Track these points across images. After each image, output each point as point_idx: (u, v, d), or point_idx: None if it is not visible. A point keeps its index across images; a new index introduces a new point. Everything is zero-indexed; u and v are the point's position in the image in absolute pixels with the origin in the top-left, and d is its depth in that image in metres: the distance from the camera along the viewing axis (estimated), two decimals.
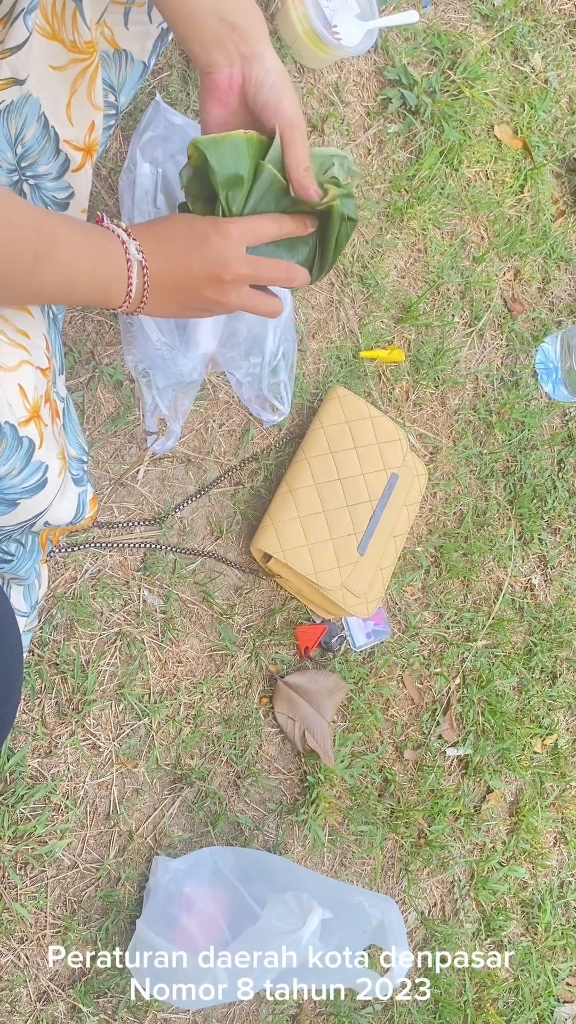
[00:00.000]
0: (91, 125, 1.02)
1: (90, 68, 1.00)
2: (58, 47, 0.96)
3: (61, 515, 0.86)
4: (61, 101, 0.99)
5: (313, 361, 1.31)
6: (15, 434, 0.75)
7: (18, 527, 0.80)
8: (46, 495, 0.79)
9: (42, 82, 0.97)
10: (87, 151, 1.04)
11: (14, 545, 0.86)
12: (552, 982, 1.41)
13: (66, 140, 1.01)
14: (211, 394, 1.21)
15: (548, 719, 1.48)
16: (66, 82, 0.99)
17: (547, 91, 1.63)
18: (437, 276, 1.45)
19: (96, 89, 1.01)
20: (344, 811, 1.24)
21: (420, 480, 1.30)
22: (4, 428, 0.74)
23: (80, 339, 1.12)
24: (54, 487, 0.80)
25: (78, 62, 0.99)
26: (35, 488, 0.78)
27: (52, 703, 1.06)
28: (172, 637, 1.14)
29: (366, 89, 1.42)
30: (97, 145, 1.04)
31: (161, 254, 0.82)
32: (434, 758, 1.35)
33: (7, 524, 0.79)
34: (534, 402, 1.55)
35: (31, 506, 0.78)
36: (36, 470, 0.77)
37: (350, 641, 1.28)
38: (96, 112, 1.02)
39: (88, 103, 1.01)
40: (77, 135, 1.01)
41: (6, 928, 1.00)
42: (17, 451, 0.75)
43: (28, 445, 0.76)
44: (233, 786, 1.17)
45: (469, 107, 1.50)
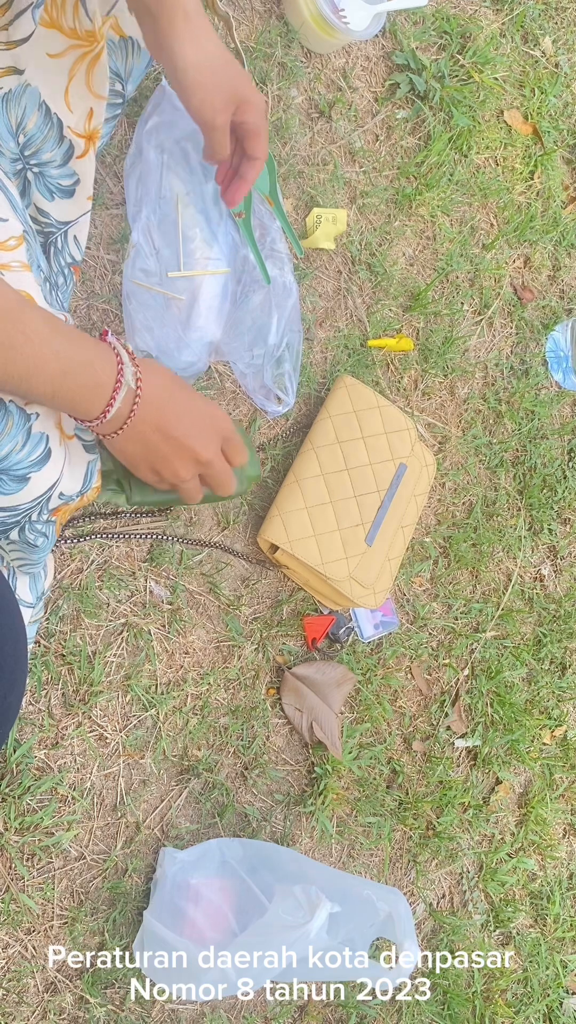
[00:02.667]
0: (89, 112, 1.01)
1: (88, 55, 0.99)
2: (56, 34, 0.96)
3: (73, 485, 0.86)
4: (59, 88, 0.98)
5: (320, 350, 1.30)
6: (22, 412, 0.76)
7: (35, 503, 0.81)
8: (54, 465, 0.80)
9: (39, 70, 0.97)
10: (88, 138, 1.03)
11: (42, 539, 0.87)
12: (561, 973, 1.41)
13: (68, 127, 1.01)
14: (218, 383, 1.20)
15: (557, 710, 1.47)
16: (63, 69, 0.98)
17: (558, 76, 1.60)
18: (446, 264, 1.44)
19: (94, 76, 1.00)
20: (352, 802, 1.24)
21: (429, 470, 1.29)
22: (9, 407, 0.75)
23: (85, 328, 1.11)
24: (59, 456, 0.81)
25: (75, 48, 0.98)
26: (41, 460, 0.79)
27: (59, 694, 1.06)
28: (179, 628, 1.14)
29: (374, 74, 1.40)
30: (99, 133, 1.04)
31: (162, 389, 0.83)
32: (443, 749, 1.34)
33: (23, 502, 0.80)
34: (544, 391, 1.54)
35: (41, 479, 0.79)
36: (38, 442, 0.78)
37: (358, 632, 1.27)
38: (96, 100, 1.01)
39: (86, 90, 1.00)
40: (77, 122, 1.01)
41: (13, 919, 1.00)
42: (23, 427, 0.75)
43: (33, 419, 0.77)
44: (240, 777, 1.17)
45: (478, 92, 1.49)
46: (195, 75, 0.85)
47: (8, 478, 0.77)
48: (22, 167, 0.99)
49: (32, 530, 0.86)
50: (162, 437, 0.85)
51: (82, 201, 1.05)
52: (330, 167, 1.33)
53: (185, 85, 0.86)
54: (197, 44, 0.84)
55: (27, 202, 1.00)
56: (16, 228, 0.84)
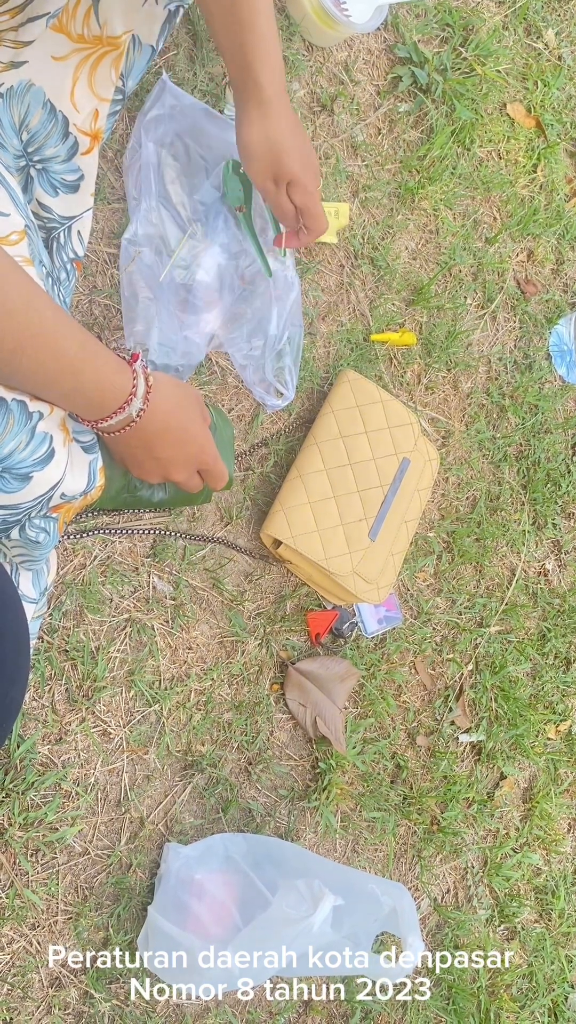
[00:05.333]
0: (95, 112, 1.03)
1: (91, 57, 1.00)
2: (63, 39, 0.98)
3: (76, 485, 0.87)
4: (65, 89, 1.00)
5: (323, 344, 1.30)
6: (23, 409, 0.76)
7: (36, 502, 0.81)
8: (56, 465, 0.80)
9: (44, 71, 0.98)
10: (94, 136, 1.04)
11: (43, 535, 0.87)
12: (566, 968, 1.41)
13: (75, 124, 1.01)
14: (219, 378, 1.19)
15: (562, 705, 1.47)
16: (68, 71, 0.99)
17: (561, 68, 1.60)
18: (449, 257, 1.43)
19: (97, 78, 1.01)
20: (356, 797, 1.23)
21: (432, 465, 1.29)
22: (11, 404, 0.75)
23: (87, 323, 1.11)
24: (63, 456, 0.81)
25: (80, 51, 0.99)
26: (44, 459, 0.79)
27: (62, 690, 1.06)
28: (182, 623, 1.13)
29: (376, 67, 1.39)
30: (103, 132, 1.05)
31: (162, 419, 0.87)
32: (447, 744, 1.34)
33: (25, 500, 0.80)
34: (548, 385, 1.53)
35: (44, 479, 0.80)
36: (42, 442, 0.78)
37: (361, 627, 1.27)
38: (100, 102, 1.02)
39: (90, 92, 1.01)
40: (84, 121, 1.02)
41: (18, 914, 1.00)
42: (25, 426, 0.76)
43: (37, 419, 0.77)
44: (244, 772, 1.17)
45: (481, 85, 1.48)
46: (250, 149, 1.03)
47: (11, 476, 0.77)
48: (25, 163, 0.99)
49: (32, 527, 0.86)
50: (146, 454, 0.90)
51: (85, 197, 1.05)
52: (332, 161, 1.32)
53: (242, 155, 1.04)
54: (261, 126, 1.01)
55: (29, 198, 1.00)
56: (18, 223, 0.84)
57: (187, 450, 0.93)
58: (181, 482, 0.96)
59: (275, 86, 0.99)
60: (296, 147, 1.03)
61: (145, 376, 0.84)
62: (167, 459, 0.91)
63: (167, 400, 0.87)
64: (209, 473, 0.97)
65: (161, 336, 1.09)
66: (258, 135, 1.01)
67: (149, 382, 0.84)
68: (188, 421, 0.91)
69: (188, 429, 0.92)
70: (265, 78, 0.98)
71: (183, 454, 0.92)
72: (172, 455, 0.91)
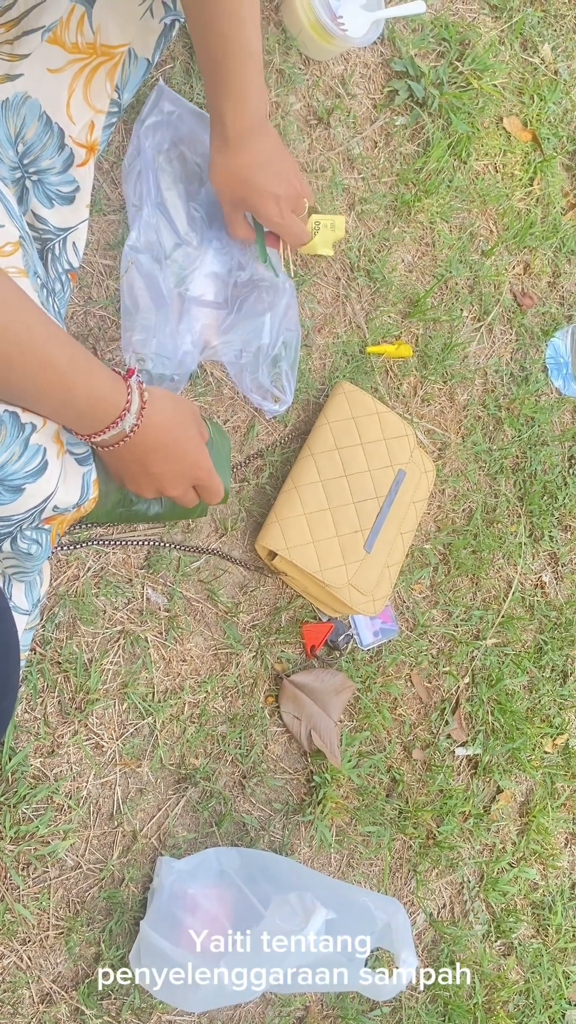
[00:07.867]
0: (91, 124, 1.03)
1: (87, 68, 1.01)
2: (58, 50, 0.99)
3: (68, 498, 0.87)
4: (61, 101, 1.00)
5: (319, 356, 1.30)
6: (15, 421, 0.75)
7: (28, 515, 0.81)
8: (49, 478, 0.80)
9: (40, 84, 0.99)
10: (89, 148, 1.04)
11: (35, 547, 0.87)
12: (563, 984, 1.39)
13: (70, 136, 1.02)
14: (214, 389, 1.19)
15: (559, 718, 1.46)
16: (63, 83, 1.00)
17: (557, 82, 1.60)
18: (445, 270, 1.43)
19: (92, 88, 1.02)
20: (351, 811, 1.23)
21: (428, 476, 1.28)
22: (3, 416, 0.74)
23: (82, 334, 1.11)
24: (56, 468, 0.81)
25: (75, 62, 1.00)
26: (37, 472, 0.78)
27: (55, 702, 1.05)
28: (176, 635, 1.13)
29: (372, 81, 1.40)
30: (99, 144, 1.06)
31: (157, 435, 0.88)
32: (443, 758, 1.33)
33: (16, 512, 0.79)
34: (544, 397, 1.53)
35: (36, 491, 0.79)
36: (35, 454, 0.77)
37: (357, 639, 1.27)
38: (96, 114, 1.03)
39: (86, 103, 1.02)
40: (79, 133, 1.02)
41: (8, 929, 0.99)
42: (18, 438, 0.75)
43: (29, 431, 0.77)
44: (238, 786, 1.16)
45: (477, 99, 1.49)
46: (215, 183, 1.07)
47: (3, 488, 0.76)
48: (21, 175, 1.00)
49: (24, 538, 0.85)
50: (141, 469, 0.90)
51: (81, 208, 1.06)
52: (329, 173, 1.33)
53: (212, 182, 1.08)
54: (223, 162, 1.05)
55: (24, 209, 1.01)
56: (12, 234, 0.84)
57: (182, 466, 0.93)
58: (176, 497, 0.96)
59: (242, 122, 1.01)
60: (260, 182, 1.06)
61: (140, 391, 0.84)
62: (162, 474, 0.91)
63: (162, 415, 0.87)
64: (205, 488, 0.98)
65: (158, 346, 1.09)
66: (220, 171, 1.05)
67: (144, 397, 0.84)
68: (184, 437, 0.92)
69: (183, 445, 0.92)
70: (229, 116, 1.01)
71: (178, 469, 0.93)
72: (167, 470, 0.91)
